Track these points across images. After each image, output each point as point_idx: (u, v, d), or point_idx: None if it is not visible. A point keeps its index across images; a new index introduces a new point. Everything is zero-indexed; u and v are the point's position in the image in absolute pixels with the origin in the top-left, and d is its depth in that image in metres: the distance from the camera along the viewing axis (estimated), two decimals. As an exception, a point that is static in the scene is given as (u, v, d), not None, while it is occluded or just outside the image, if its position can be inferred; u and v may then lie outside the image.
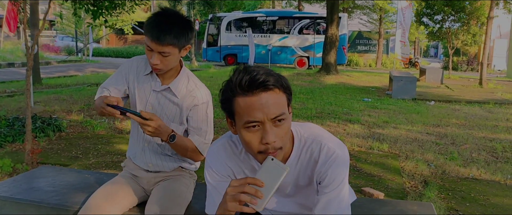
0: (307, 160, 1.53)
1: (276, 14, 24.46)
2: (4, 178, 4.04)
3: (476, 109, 9.45)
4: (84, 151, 5.09)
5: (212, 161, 1.60)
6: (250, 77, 1.32)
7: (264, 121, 1.33)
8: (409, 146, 5.76)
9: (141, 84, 2.13)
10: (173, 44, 1.93)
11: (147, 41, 1.94)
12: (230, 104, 1.38)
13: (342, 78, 16.20)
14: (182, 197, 2.12)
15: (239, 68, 1.39)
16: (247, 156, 1.57)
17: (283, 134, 1.39)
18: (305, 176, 1.56)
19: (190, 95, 2.10)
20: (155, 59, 1.95)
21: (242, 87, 1.33)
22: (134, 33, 30.32)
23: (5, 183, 2.41)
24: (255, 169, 1.56)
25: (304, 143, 1.53)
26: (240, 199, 1.26)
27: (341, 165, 1.49)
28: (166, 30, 1.91)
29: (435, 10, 17.22)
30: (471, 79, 18.13)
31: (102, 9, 4.43)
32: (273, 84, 1.33)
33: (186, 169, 2.26)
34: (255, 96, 1.32)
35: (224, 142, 1.60)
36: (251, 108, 1.33)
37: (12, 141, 5.27)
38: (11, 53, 21.77)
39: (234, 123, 1.43)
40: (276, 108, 1.34)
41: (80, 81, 12.99)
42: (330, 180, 1.48)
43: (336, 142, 1.52)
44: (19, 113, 7.04)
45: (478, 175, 4.61)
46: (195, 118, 2.11)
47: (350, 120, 7.55)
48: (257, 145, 1.37)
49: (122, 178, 2.16)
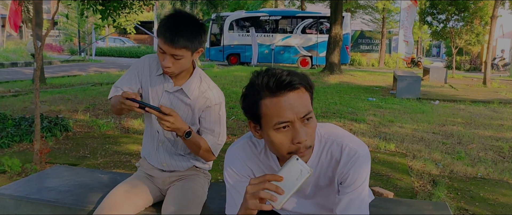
0: (328, 161, 1.53)
1: (279, 14, 24.46)
2: (14, 178, 4.05)
3: (481, 108, 9.44)
4: (91, 151, 5.10)
5: (232, 161, 1.60)
6: (276, 78, 1.33)
7: (294, 121, 1.34)
8: (416, 145, 5.75)
9: (153, 84, 2.13)
10: (186, 47, 1.93)
11: (160, 43, 1.93)
12: (255, 108, 1.38)
13: (345, 77, 16.19)
14: (198, 196, 2.13)
15: (260, 71, 1.39)
16: (267, 157, 1.57)
17: (311, 132, 1.40)
18: (325, 177, 1.56)
19: (203, 96, 2.10)
20: (167, 62, 1.94)
21: (270, 89, 1.33)
22: (137, 32, 30.34)
23: (20, 183, 2.42)
24: (274, 169, 1.56)
25: (325, 144, 1.53)
26: (260, 196, 1.26)
27: (363, 166, 1.49)
28: (180, 32, 1.90)
29: (439, 10, 17.19)
30: (474, 78, 18.10)
31: (110, 9, 4.43)
32: (299, 83, 1.34)
33: (200, 169, 2.26)
34: (283, 97, 1.33)
35: (244, 143, 1.61)
36: (281, 109, 1.33)
37: (19, 141, 5.28)
38: (14, 53, 21.81)
39: (259, 127, 1.43)
40: (304, 107, 1.35)
41: (84, 80, 13.00)
42: (352, 180, 1.48)
43: (357, 142, 1.52)
44: (24, 113, 7.05)
45: (486, 174, 4.60)
46: (208, 119, 2.11)
47: (355, 119, 7.55)
48: (288, 146, 1.37)
49: (138, 178, 2.17)
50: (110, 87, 9.03)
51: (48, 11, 35.26)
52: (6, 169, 4.18)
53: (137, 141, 5.59)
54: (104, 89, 10.73)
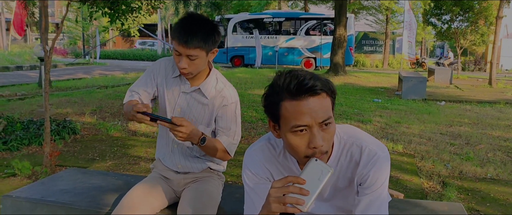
0: (347, 162, 1.53)
1: (283, 16, 24.46)
2: (24, 181, 4.07)
3: (487, 109, 9.41)
4: (100, 154, 5.11)
5: (250, 163, 1.60)
6: (298, 81, 1.32)
7: (312, 125, 1.33)
8: (423, 146, 5.75)
9: (169, 86, 2.14)
10: (200, 47, 1.95)
11: (175, 45, 1.95)
12: (275, 108, 1.38)
13: (350, 78, 16.18)
14: (213, 198, 2.13)
15: (283, 72, 1.39)
16: (286, 159, 1.57)
17: (329, 138, 1.39)
18: (344, 179, 1.56)
19: (220, 95, 2.11)
20: (183, 63, 1.96)
21: (290, 92, 1.32)
22: (140, 35, 30.38)
23: (34, 185, 2.43)
24: (293, 171, 1.56)
25: (344, 145, 1.53)
26: (285, 200, 1.26)
27: (383, 167, 1.49)
28: (193, 33, 1.92)
29: (444, 10, 17.16)
30: (480, 79, 18.06)
31: (119, 13, 4.45)
32: (320, 88, 1.33)
33: (214, 170, 2.27)
34: (303, 101, 1.32)
35: (262, 145, 1.60)
36: (299, 113, 1.32)
37: (28, 144, 5.31)
38: (19, 56, 21.90)
39: (278, 127, 1.43)
40: (324, 112, 1.34)
41: (90, 83, 13.03)
42: (372, 181, 1.48)
43: (376, 144, 1.52)
44: (32, 116, 7.08)
45: (496, 175, 4.59)
46: (224, 118, 2.12)
47: (362, 120, 7.54)
48: (304, 149, 1.36)
49: (153, 180, 2.18)
50: (115, 90, 9.12)
51: (52, 14, 35.41)
52: (16, 172, 4.20)
53: (145, 144, 5.60)
54: (109, 92, 10.76)
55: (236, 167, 4.54)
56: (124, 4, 4.37)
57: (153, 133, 6.15)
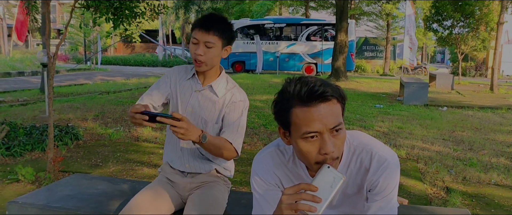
0: (357, 169, 1.52)
1: (284, 21, 24.50)
2: (28, 187, 4.07)
3: (489, 114, 9.40)
4: (103, 159, 5.11)
5: (259, 169, 1.60)
6: (309, 88, 1.32)
7: (323, 132, 1.33)
8: (426, 152, 5.74)
9: (182, 88, 2.22)
10: (218, 34, 2.07)
11: (194, 33, 2.09)
12: (286, 115, 1.38)
13: (351, 84, 16.18)
14: (219, 203, 2.13)
15: (293, 79, 1.39)
16: (295, 165, 1.56)
17: (340, 144, 1.38)
18: (354, 185, 1.55)
19: (230, 92, 2.18)
20: (200, 50, 2.06)
21: (301, 98, 1.33)
22: (142, 41, 30.46)
23: (40, 191, 2.43)
24: (303, 178, 1.55)
25: (354, 152, 1.53)
26: (297, 207, 1.25)
27: (393, 173, 1.48)
28: (214, 21, 2.08)
29: (445, 16, 17.19)
30: (481, 84, 18.06)
31: (123, 18, 4.46)
32: (331, 94, 1.33)
33: (221, 175, 2.27)
34: (314, 107, 1.32)
35: (272, 151, 1.60)
36: (310, 119, 1.32)
37: (31, 150, 5.30)
38: (21, 62, 21.93)
39: (288, 133, 1.42)
40: (334, 118, 1.33)
41: (91, 89, 13.05)
42: (382, 188, 1.48)
43: (386, 150, 1.52)
44: (35, 121, 7.08)
45: (500, 181, 4.58)
46: (231, 114, 2.15)
47: (364, 126, 7.54)
48: (315, 156, 1.36)
49: (160, 184, 2.18)
50: (117, 96, 9.14)
51: (54, 20, 35.50)
52: (19, 177, 4.20)
53: (148, 150, 5.60)
54: (111, 98, 10.76)
55: (241, 173, 4.53)
56: (127, 9, 4.38)
57: (156, 139, 6.15)
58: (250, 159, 5.03)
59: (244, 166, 4.79)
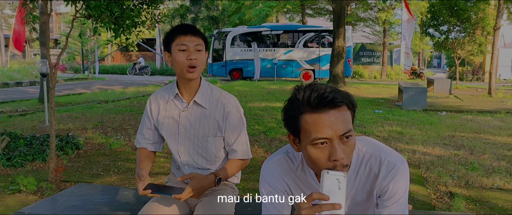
0: (366, 175, 1.52)
1: (281, 28, 24.58)
2: (30, 197, 4.04)
3: (488, 118, 9.42)
4: (104, 169, 5.09)
5: (268, 176, 1.59)
6: (318, 94, 1.32)
7: (333, 138, 1.33)
8: (428, 157, 5.74)
9: (167, 113, 2.17)
10: (203, 38, 2.08)
11: (180, 40, 2.03)
12: (295, 122, 1.38)
13: (350, 90, 16.19)
14: (226, 211, 2.12)
15: (302, 86, 1.39)
16: (303, 172, 1.56)
17: (350, 150, 1.38)
18: (363, 191, 1.55)
19: (219, 104, 2.13)
20: (193, 54, 2.03)
21: (311, 105, 1.33)
22: (139, 49, 30.45)
23: (45, 202, 2.41)
24: (311, 185, 1.55)
25: (363, 158, 1.52)
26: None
27: (402, 178, 1.48)
28: (192, 26, 2.09)
29: (441, 21, 17.28)
30: (479, 89, 18.12)
31: (123, 27, 4.46)
32: (341, 101, 1.33)
33: (229, 182, 2.26)
34: (324, 113, 1.32)
35: (280, 158, 1.60)
36: (320, 125, 1.32)
37: (32, 160, 5.28)
38: (18, 72, 21.91)
39: (298, 140, 1.42)
40: (344, 125, 1.33)
41: (90, 98, 13.03)
42: (392, 193, 1.47)
43: (395, 156, 1.52)
44: (34, 131, 7.06)
45: (502, 184, 4.58)
46: (232, 124, 2.13)
47: (364, 132, 7.54)
48: (324, 162, 1.36)
49: (167, 194, 2.17)
50: (116, 105, 9.13)
51: (51, 30, 35.48)
52: (21, 188, 4.18)
53: (149, 158, 5.58)
54: (110, 107, 10.75)
55: (248, 181, 4.52)
56: (128, 19, 4.38)
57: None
58: (252, 167, 5.02)
59: (247, 173, 4.78)
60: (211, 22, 22.09)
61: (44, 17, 10.60)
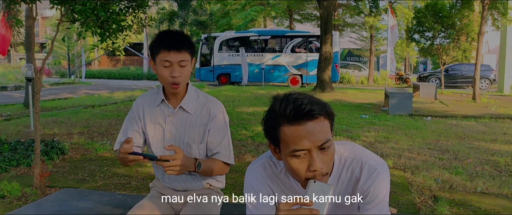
0: (348, 179, 1.54)
1: (269, 33, 24.69)
2: (14, 203, 4.00)
3: (473, 123, 9.55)
4: (90, 174, 5.06)
5: (252, 180, 1.61)
6: (294, 106, 1.33)
7: (311, 149, 1.35)
8: (413, 161, 5.80)
9: (153, 117, 2.15)
10: (189, 51, 2.03)
11: (163, 55, 1.98)
12: (274, 133, 1.40)
13: (337, 95, 16.31)
14: (212, 212, 2.13)
15: (280, 97, 1.40)
16: (287, 177, 1.58)
17: (329, 160, 1.40)
18: (345, 195, 1.58)
19: (205, 108, 2.13)
20: (176, 71, 1.99)
21: (287, 117, 1.34)
22: (126, 54, 30.34)
23: (29, 207, 2.40)
24: (295, 189, 1.57)
25: (344, 162, 1.55)
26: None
27: (383, 182, 1.51)
28: (180, 38, 2.00)
29: (426, 28, 17.49)
30: (463, 94, 18.35)
31: (110, 31, 4.46)
32: (318, 112, 1.34)
33: (214, 187, 2.27)
34: (301, 125, 1.33)
35: (264, 162, 1.61)
36: (298, 137, 1.34)
37: (16, 165, 5.23)
38: (3, 77, 21.67)
39: (278, 150, 1.44)
40: (322, 135, 1.35)
41: (76, 103, 12.93)
42: (373, 196, 1.50)
43: (376, 160, 1.54)
44: (19, 136, 6.99)
45: (485, 189, 4.64)
46: (216, 129, 2.12)
47: (351, 137, 7.60)
48: (304, 173, 1.38)
49: (153, 199, 2.17)
50: (102, 109, 9.07)
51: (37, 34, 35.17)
52: (5, 194, 4.13)
53: (135, 163, 5.55)
54: (97, 111, 10.68)
55: (235, 186, 4.53)
56: (114, 23, 4.38)
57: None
58: (238, 171, 5.04)
59: (234, 178, 4.79)
60: (199, 26, 22.10)
61: (30, 21, 10.56)
